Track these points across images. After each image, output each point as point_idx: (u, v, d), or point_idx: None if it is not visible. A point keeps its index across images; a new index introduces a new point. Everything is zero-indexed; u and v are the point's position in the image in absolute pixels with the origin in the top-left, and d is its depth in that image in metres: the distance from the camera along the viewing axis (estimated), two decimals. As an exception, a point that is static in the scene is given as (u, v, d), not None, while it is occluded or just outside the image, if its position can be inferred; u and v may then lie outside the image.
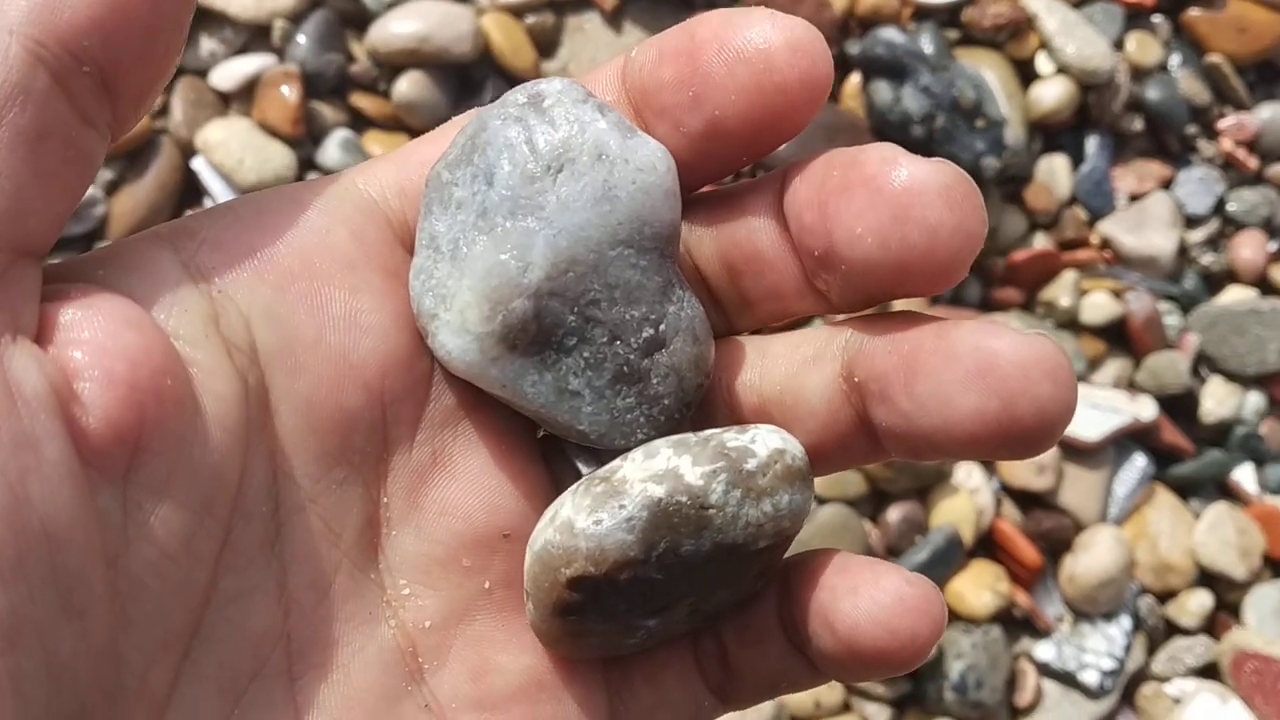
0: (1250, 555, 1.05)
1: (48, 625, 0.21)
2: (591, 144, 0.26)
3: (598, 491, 0.26)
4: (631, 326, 0.27)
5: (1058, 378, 0.24)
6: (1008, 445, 0.25)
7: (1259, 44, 1.16)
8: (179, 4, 0.24)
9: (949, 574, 0.99)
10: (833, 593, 0.27)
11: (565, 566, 0.26)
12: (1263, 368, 1.09)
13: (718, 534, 0.26)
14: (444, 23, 0.98)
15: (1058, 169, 1.10)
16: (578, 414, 0.27)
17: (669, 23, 0.98)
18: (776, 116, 0.26)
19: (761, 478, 0.26)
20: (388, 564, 0.28)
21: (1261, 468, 1.10)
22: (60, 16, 0.22)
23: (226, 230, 0.26)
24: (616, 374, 0.27)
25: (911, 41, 1.04)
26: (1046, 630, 1.01)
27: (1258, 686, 1.00)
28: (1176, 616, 1.05)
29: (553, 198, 0.26)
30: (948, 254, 0.25)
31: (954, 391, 0.24)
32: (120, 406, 0.23)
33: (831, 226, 0.26)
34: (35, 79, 0.22)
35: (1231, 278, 1.14)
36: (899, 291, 0.26)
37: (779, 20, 0.26)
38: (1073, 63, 1.07)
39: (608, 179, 0.26)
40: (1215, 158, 1.15)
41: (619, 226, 0.26)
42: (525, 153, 0.26)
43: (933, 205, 0.25)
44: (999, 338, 0.24)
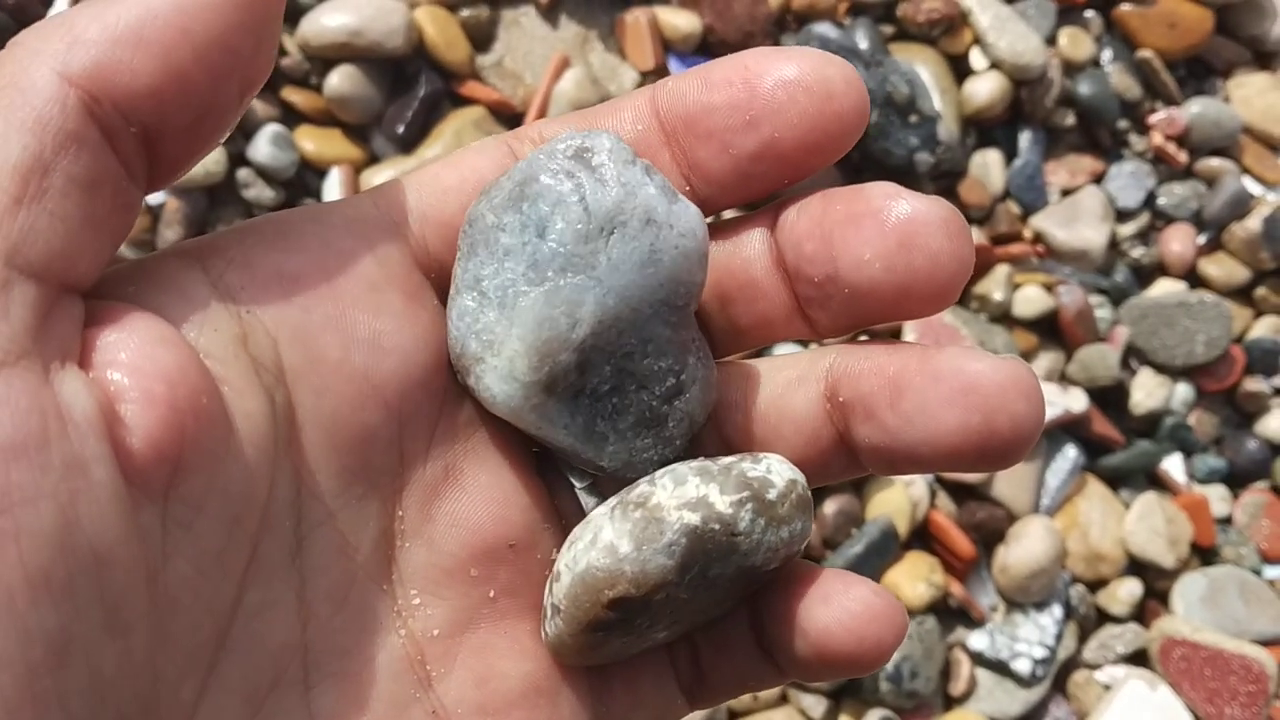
0: (1178, 544, 1.07)
1: (94, 643, 0.22)
2: (642, 208, 0.28)
3: (636, 517, 0.28)
4: (658, 377, 0.29)
5: (1030, 397, 0.27)
6: (985, 457, 0.27)
7: (1189, 39, 1.18)
8: (240, 89, 0.25)
9: (884, 566, 1.00)
10: (805, 601, 0.29)
11: (609, 588, 0.28)
12: (1191, 359, 1.11)
13: (743, 558, 0.28)
14: (376, 16, 0.97)
15: (991, 164, 1.11)
16: (601, 452, 0.29)
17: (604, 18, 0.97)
18: (830, 141, 0.28)
19: (781, 506, 0.28)
20: (400, 575, 0.29)
21: (1190, 458, 1.12)
22: (120, 79, 0.23)
23: (253, 250, 0.27)
24: (639, 419, 0.29)
25: (846, 37, 1.04)
26: (980, 620, 1.03)
27: (1185, 673, 1.02)
28: (1107, 605, 1.07)
29: (604, 258, 0.27)
30: (946, 278, 0.27)
31: (939, 408, 0.27)
32: (161, 426, 0.23)
33: (837, 253, 0.28)
34: (88, 130, 0.23)
35: (1161, 271, 1.16)
36: (897, 314, 0.28)
37: (831, 56, 0.28)
38: (1006, 58, 1.08)
39: (654, 243, 0.28)
40: (1146, 152, 1.17)
41: (659, 288, 0.28)
42: (579, 212, 0.27)
43: (935, 235, 0.27)
44: (980, 361, 0.27)
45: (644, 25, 1.03)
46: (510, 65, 1.03)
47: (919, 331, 1.03)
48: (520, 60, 1.04)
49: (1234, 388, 1.14)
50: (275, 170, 0.96)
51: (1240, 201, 1.15)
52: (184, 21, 0.24)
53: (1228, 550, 1.10)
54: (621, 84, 1.03)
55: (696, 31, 1.03)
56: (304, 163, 0.98)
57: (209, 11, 0.24)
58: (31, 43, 0.23)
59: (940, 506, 1.03)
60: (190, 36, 0.24)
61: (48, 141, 0.22)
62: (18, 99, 0.23)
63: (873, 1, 1.09)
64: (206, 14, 0.24)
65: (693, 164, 0.30)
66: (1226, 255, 1.16)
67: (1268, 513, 1.12)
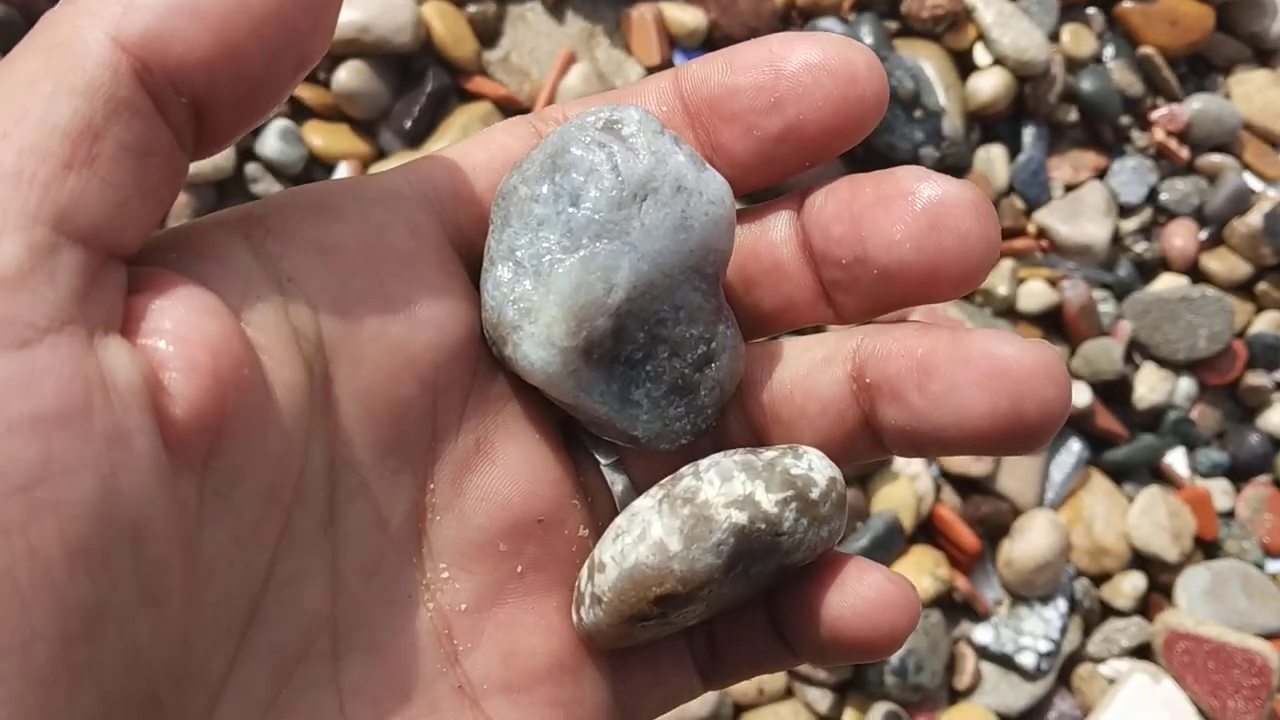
0: (1182, 538, 1.07)
1: (128, 614, 0.21)
2: (673, 176, 0.28)
3: (685, 514, 0.28)
4: (689, 344, 0.29)
5: (1059, 381, 0.27)
6: (1013, 441, 0.27)
7: (1190, 36, 1.18)
8: (294, 66, 0.25)
9: (889, 559, 1.00)
10: (820, 587, 0.29)
11: (657, 585, 0.28)
12: (1194, 354, 1.12)
13: (784, 556, 0.28)
14: (384, 12, 0.98)
15: (995, 159, 1.11)
16: (635, 421, 0.30)
17: (609, 13, 0.97)
18: (852, 124, 0.29)
19: (823, 506, 0.28)
20: (430, 549, 0.29)
21: (1192, 452, 1.13)
22: (174, 49, 0.23)
23: (293, 219, 0.27)
24: (672, 386, 0.30)
25: (851, 32, 1.04)
26: (985, 614, 1.03)
27: (1189, 666, 1.02)
28: (1111, 598, 1.07)
29: (637, 224, 0.28)
30: (976, 259, 0.28)
31: (968, 391, 0.27)
32: (204, 395, 0.23)
33: (867, 235, 0.28)
34: (140, 97, 0.23)
35: (1164, 266, 1.17)
36: (925, 295, 0.29)
37: (853, 42, 0.29)
38: (1009, 54, 1.09)
39: (685, 209, 0.28)
40: (1148, 148, 1.18)
41: (690, 254, 0.28)
42: (612, 179, 0.28)
43: (964, 217, 0.28)
44: (1009, 344, 0.27)
45: (650, 21, 1.03)
46: (516, 61, 1.04)
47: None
48: (526, 56, 1.04)
49: (1236, 382, 1.15)
50: (283, 165, 0.96)
51: (1241, 197, 1.16)
52: None
53: (1230, 544, 1.11)
54: (627, 79, 1.04)
55: (702, 27, 1.04)
56: (312, 158, 0.99)
57: None
58: (85, 2, 0.23)
59: (945, 500, 1.03)
60: (247, 9, 0.23)
61: (99, 107, 0.22)
62: (69, 60, 0.22)
63: (877, -2, 1.09)
64: None
65: (716, 145, 0.30)
66: (1228, 250, 1.17)
67: (1270, 506, 1.13)
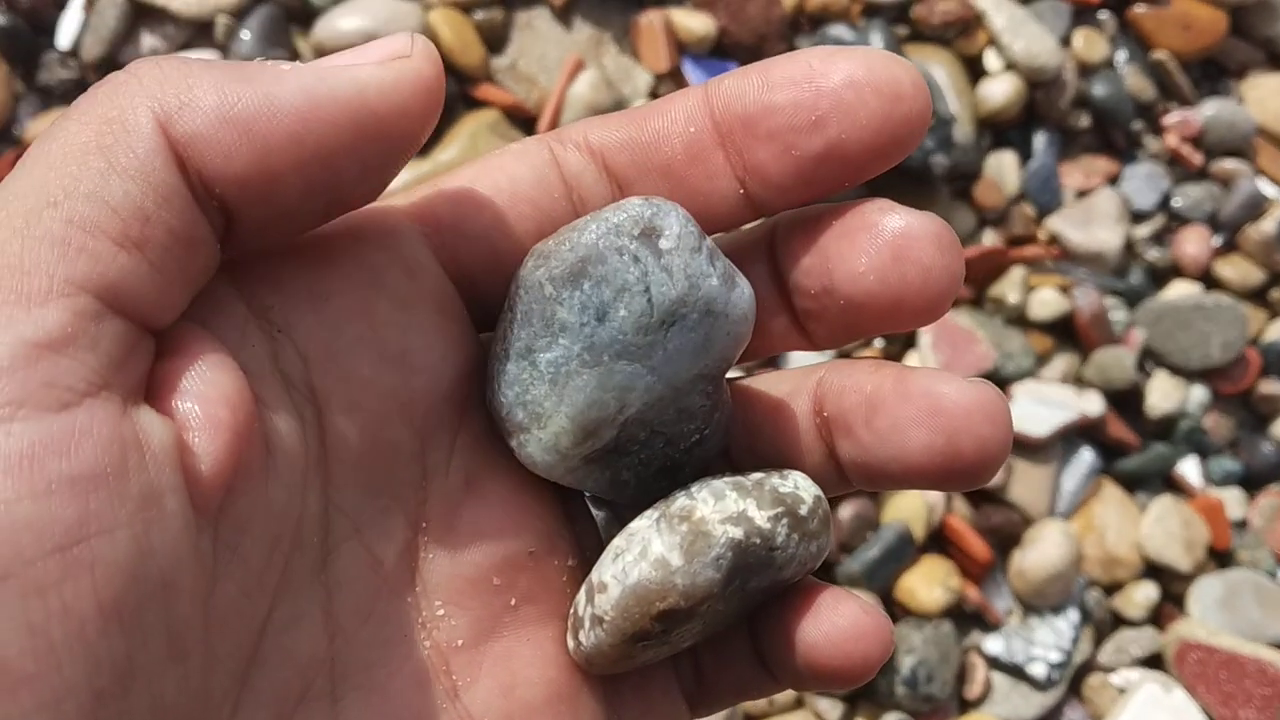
0: (1194, 547, 1.06)
1: (156, 670, 0.22)
2: (704, 301, 0.28)
3: (684, 530, 0.28)
4: (685, 435, 0.30)
5: (996, 420, 0.27)
6: (950, 478, 0.28)
7: (1203, 41, 1.17)
8: (326, 207, 0.26)
9: (900, 569, 0.99)
10: (796, 615, 0.30)
11: (660, 600, 0.28)
12: (1206, 362, 1.11)
13: (777, 571, 0.29)
14: (391, 19, 0.97)
15: (1006, 166, 1.11)
16: (623, 494, 0.30)
17: (618, 20, 0.97)
18: (895, 144, 0.28)
19: (811, 522, 0.29)
20: (424, 586, 0.29)
21: (1205, 460, 1.12)
22: (214, 160, 0.23)
23: (286, 266, 0.27)
24: (661, 469, 0.30)
25: (861, 39, 1.04)
26: (996, 624, 1.03)
27: (1201, 676, 1.02)
28: (1123, 608, 1.06)
29: (661, 351, 0.28)
30: (938, 291, 0.28)
31: (908, 428, 0.28)
32: (225, 451, 0.24)
33: (833, 266, 0.29)
34: (183, 188, 0.23)
35: (1176, 272, 1.16)
36: (890, 325, 0.29)
37: (897, 57, 0.28)
38: (1021, 59, 1.08)
39: (709, 333, 0.28)
40: (1160, 154, 1.17)
41: (705, 368, 0.29)
42: (643, 303, 0.27)
43: (927, 249, 0.28)
44: (947, 384, 0.27)
45: (658, 27, 1.02)
46: (524, 68, 1.03)
47: (934, 335, 1.03)
48: (534, 63, 1.03)
49: (1249, 390, 1.14)
50: (290, 174, 0.96)
51: (1255, 203, 1.15)
52: (299, 128, 0.24)
53: (1243, 553, 1.10)
54: (635, 86, 1.03)
55: (711, 34, 1.03)
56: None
57: (328, 127, 0.24)
58: (147, 81, 0.23)
59: (956, 510, 1.03)
60: (299, 145, 0.24)
61: (149, 193, 0.23)
62: (122, 140, 0.23)
63: (887, 3, 1.08)
64: (324, 128, 0.24)
65: (750, 166, 0.29)
66: (1241, 257, 1.16)
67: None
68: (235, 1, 0.97)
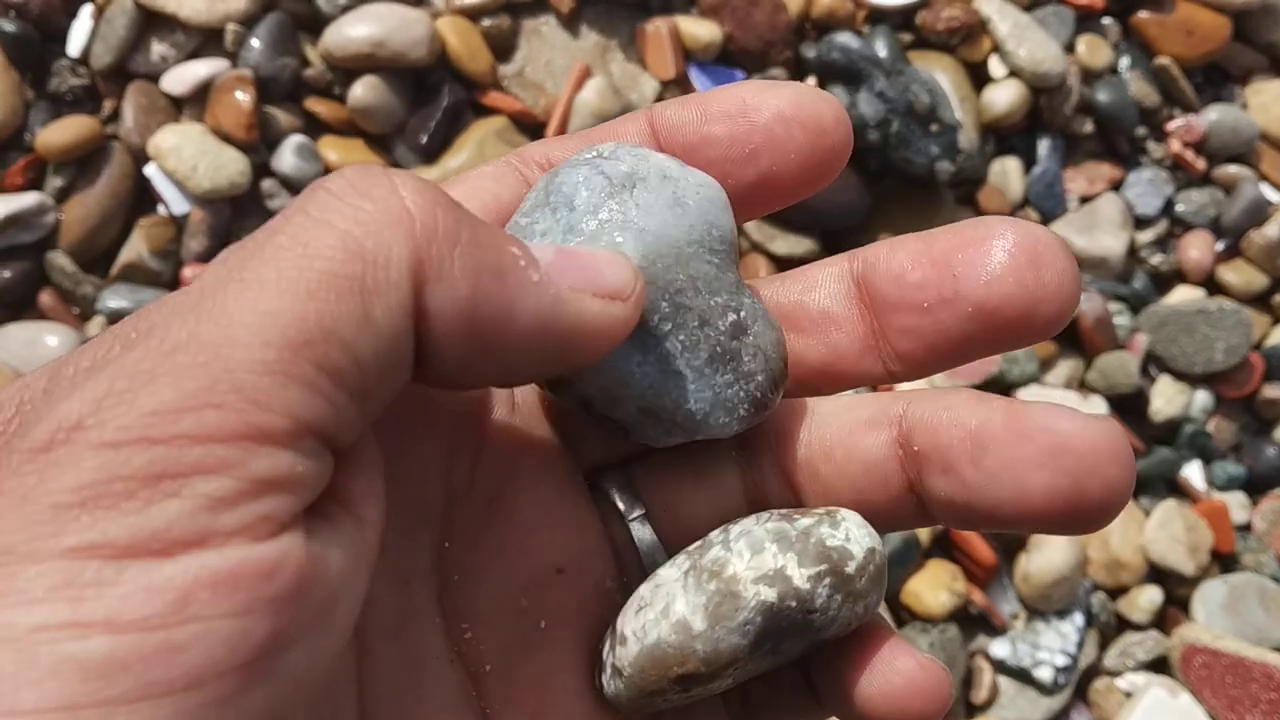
0: (1198, 551, 1.07)
1: None
2: (657, 168, 0.29)
3: (711, 590, 0.27)
4: (717, 312, 0.29)
5: (1122, 460, 0.26)
6: (1073, 521, 0.26)
7: (1206, 46, 1.18)
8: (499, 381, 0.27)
9: (906, 574, 1.00)
10: (852, 666, 0.29)
11: (679, 665, 0.27)
12: (1210, 366, 1.11)
13: (816, 633, 0.27)
14: (400, 26, 0.98)
15: (1010, 171, 1.11)
16: (685, 392, 0.29)
17: (624, 27, 0.97)
18: (819, 174, 0.30)
19: (859, 581, 0.27)
20: (452, 607, 0.29)
21: (1209, 465, 1.13)
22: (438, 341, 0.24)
23: None
24: (711, 354, 0.29)
25: (866, 46, 1.04)
26: (1002, 628, 1.03)
27: (1206, 679, 1.02)
28: (1128, 612, 1.07)
29: (633, 204, 0.28)
30: (1070, 295, 0.28)
31: (1026, 469, 0.26)
32: (381, 520, 0.25)
33: (960, 273, 0.28)
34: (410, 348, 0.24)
35: (1180, 278, 1.16)
36: (1018, 333, 0.28)
37: (822, 92, 0.30)
38: (1025, 66, 1.09)
39: (675, 190, 0.29)
40: (1164, 159, 1.17)
41: (691, 228, 0.29)
42: (601, 180, 0.29)
43: (1059, 255, 0.28)
44: (1069, 420, 0.26)
45: (665, 34, 1.03)
46: (531, 75, 1.04)
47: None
48: (541, 70, 1.04)
49: (1253, 395, 1.14)
50: (299, 181, 0.96)
51: (1258, 208, 1.15)
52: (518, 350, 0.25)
53: (1247, 557, 1.10)
54: (642, 93, 1.04)
55: (717, 41, 1.04)
56: (327, 173, 0.98)
57: (540, 353, 0.25)
58: (418, 225, 0.23)
59: (961, 514, 1.03)
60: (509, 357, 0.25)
61: (391, 356, 0.23)
62: (383, 291, 0.23)
63: (891, 10, 1.09)
64: (536, 351, 0.25)
65: None
66: (1245, 262, 1.16)
67: (1287, 519, 1.12)
68: (245, 9, 0.98)
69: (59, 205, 0.96)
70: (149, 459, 0.20)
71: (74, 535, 0.20)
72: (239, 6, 0.98)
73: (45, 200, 0.95)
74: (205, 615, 0.20)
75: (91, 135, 0.96)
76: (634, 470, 0.31)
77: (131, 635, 0.19)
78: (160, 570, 0.20)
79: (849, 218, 1.04)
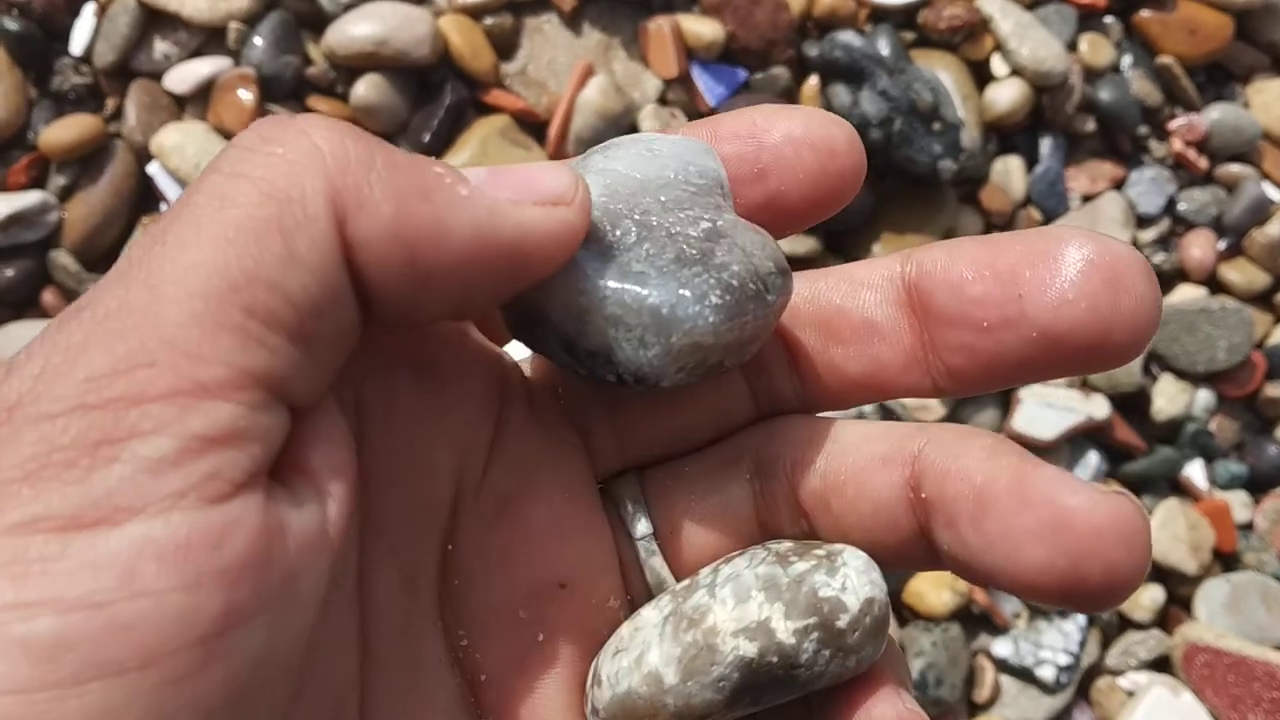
0: (1201, 550, 1.07)
1: None
2: (633, 138, 0.30)
3: (687, 641, 0.26)
4: (688, 222, 0.28)
5: (1132, 543, 0.24)
6: (1070, 601, 0.25)
7: (1209, 45, 1.18)
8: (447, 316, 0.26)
9: (908, 574, 1.00)
10: (832, 707, 0.27)
11: (649, 717, 0.26)
12: (1212, 365, 1.11)
13: (800, 688, 0.26)
14: (402, 25, 0.98)
15: (1013, 170, 1.11)
16: (645, 285, 0.27)
17: (627, 26, 0.97)
18: (830, 197, 0.29)
19: (851, 635, 0.26)
20: (450, 613, 0.28)
21: (1211, 464, 1.12)
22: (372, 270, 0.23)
23: None
24: (678, 255, 0.27)
25: (869, 45, 1.04)
26: (1004, 627, 1.03)
27: (1208, 679, 1.02)
28: (1130, 611, 1.07)
29: (601, 157, 0.29)
30: (1146, 324, 0.26)
31: (1023, 540, 0.24)
32: (350, 499, 0.24)
33: (1026, 293, 0.26)
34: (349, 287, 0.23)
35: (1182, 276, 1.16)
36: (1088, 361, 0.27)
37: (834, 116, 0.29)
38: (1027, 64, 1.08)
39: (650, 145, 0.29)
40: (1166, 158, 1.17)
41: (664, 167, 0.29)
42: (591, 159, 0.29)
43: (1139, 277, 0.26)
44: (1075, 494, 0.24)
45: (667, 33, 1.03)
46: (534, 73, 1.04)
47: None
48: (544, 68, 1.04)
49: (1255, 394, 1.14)
50: (302, 179, 0.96)
51: (1260, 207, 1.15)
52: (458, 264, 0.24)
53: (1249, 556, 1.10)
54: (645, 92, 1.04)
55: (719, 39, 1.04)
56: (330, 172, 0.99)
57: (483, 266, 0.24)
58: (330, 161, 0.23)
59: (964, 513, 1.03)
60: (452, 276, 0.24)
61: (325, 290, 0.23)
62: (304, 228, 0.22)
63: (894, 8, 1.09)
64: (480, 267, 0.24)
65: None
66: (1247, 261, 1.16)
67: (1289, 518, 1.12)
68: (247, 7, 0.98)
69: (62, 204, 0.96)
70: (86, 426, 0.20)
71: (17, 511, 0.19)
72: (241, 5, 0.98)
73: (48, 199, 0.95)
74: (154, 590, 0.20)
75: (94, 134, 0.96)
76: (647, 481, 0.30)
77: (78, 614, 0.19)
78: (105, 543, 0.19)
79: (851, 217, 1.04)
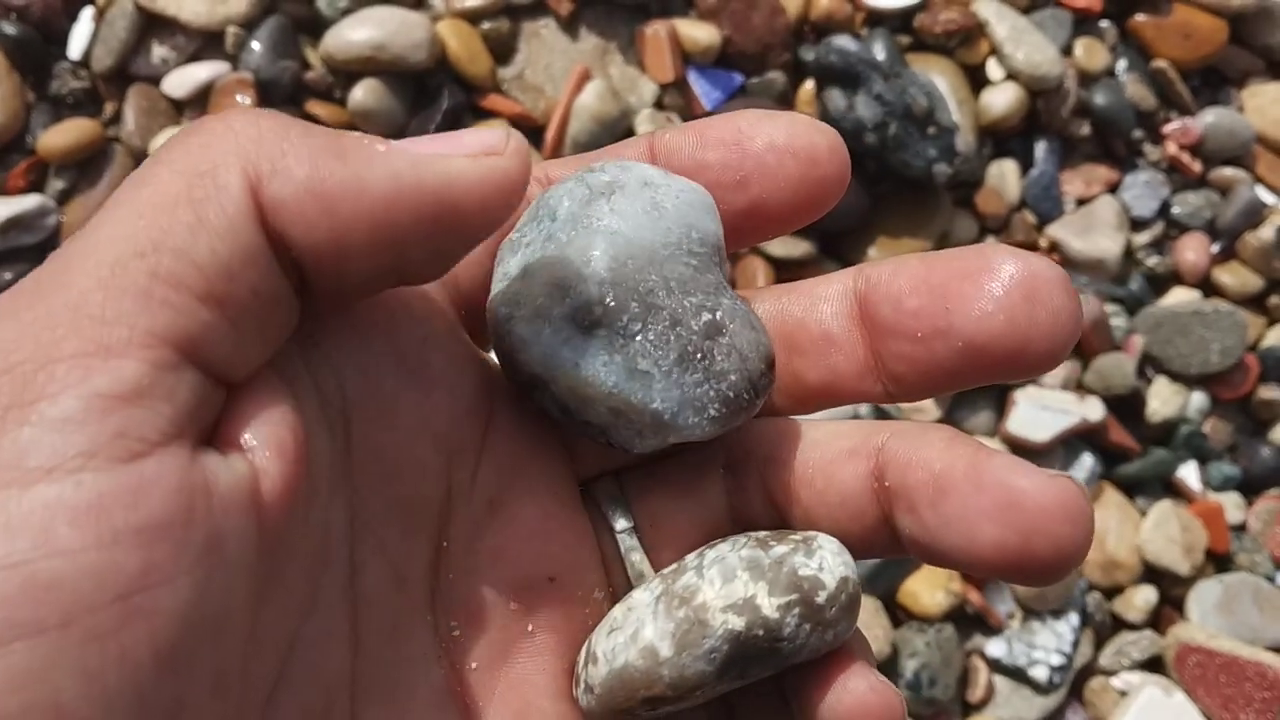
0: (1193, 551, 1.07)
1: (202, 708, 0.22)
2: (637, 177, 0.29)
3: (680, 617, 0.28)
4: (690, 312, 0.29)
5: (1076, 520, 0.26)
6: (1020, 575, 0.27)
7: (1203, 49, 1.18)
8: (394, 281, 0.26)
9: (904, 574, 1.00)
10: (813, 685, 0.29)
11: (645, 689, 0.28)
12: (1206, 368, 1.12)
13: (784, 660, 0.28)
14: (400, 30, 0.98)
15: (1007, 174, 1.11)
16: (650, 390, 0.28)
17: (623, 30, 0.97)
18: (812, 204, 0.30)
19: (829, 610, 0.28)
20: (444, 606, 0.29)
21: (1205, 465, 1.13)
22: (294, 229, 0.24)
23: None
24: (681, 354, 0.28)
25: (864, 49, 1.05)
26: (998, 627, 1.04)
27: (1200, 679, 1.03)
28: (1123, 612, 1.07)
29: (607, 209, 0.29)
30: (1065, 335, 0.27)
31: (977, 520, 0.26)
32: (290, 479, 0.24)
33: (953, 307, 0.28)
34: (266, 250, 0.23)
35: (1176, 279, 1.17)
36: (1009, 369, 0.28)
37: (818, 123, 0.30)
38: (1022, 69, 1.09)
39: (654, 196, 0.29)
40: (1160, 162, 1.18)
41: (669, 231, 0.29)
42: (581, 190, 0.29)
43: (1056, 292, 0.27)
44: (1025, 476, 0.26)
45: (664, 38, 1.03)
46: (531, 78, 1.04)
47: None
48: (541, 73, 1.04)
49: (1248, 396, 1.15)
50: (300, 183, 0.97)
51: (1254, 211, 1.16)
52: (381, 213, 0.24)
53: (1242, 557, 1.11)
54: (641, 96, 1.04)
55: (716, 44, 1.04)
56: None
57: (409, 216, 0.24)
58: (242, 138, 0.24)
59: (958, 515, 1.03)
60: (377, 228, 0.24)
61: (235, 252, 0.23)
62: (213, 196, 0.23)
63: (889, 12, 1.09)
64: (405, 216, 0.24)
65: None
66: (1240, 264, 1.17)
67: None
68: (245, 12, 0.98)
69: (61, 208, 0.97)
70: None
71: None
72: (239, 9, 0.98)
73: (47, 203, 0.96)
74: (69, 549, 0.20)
75: (93, 138, 0.96)
76: (626, 481, 0.31)
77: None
78: (19, 504, 0.20)
79: (847, 220, 1.05)
